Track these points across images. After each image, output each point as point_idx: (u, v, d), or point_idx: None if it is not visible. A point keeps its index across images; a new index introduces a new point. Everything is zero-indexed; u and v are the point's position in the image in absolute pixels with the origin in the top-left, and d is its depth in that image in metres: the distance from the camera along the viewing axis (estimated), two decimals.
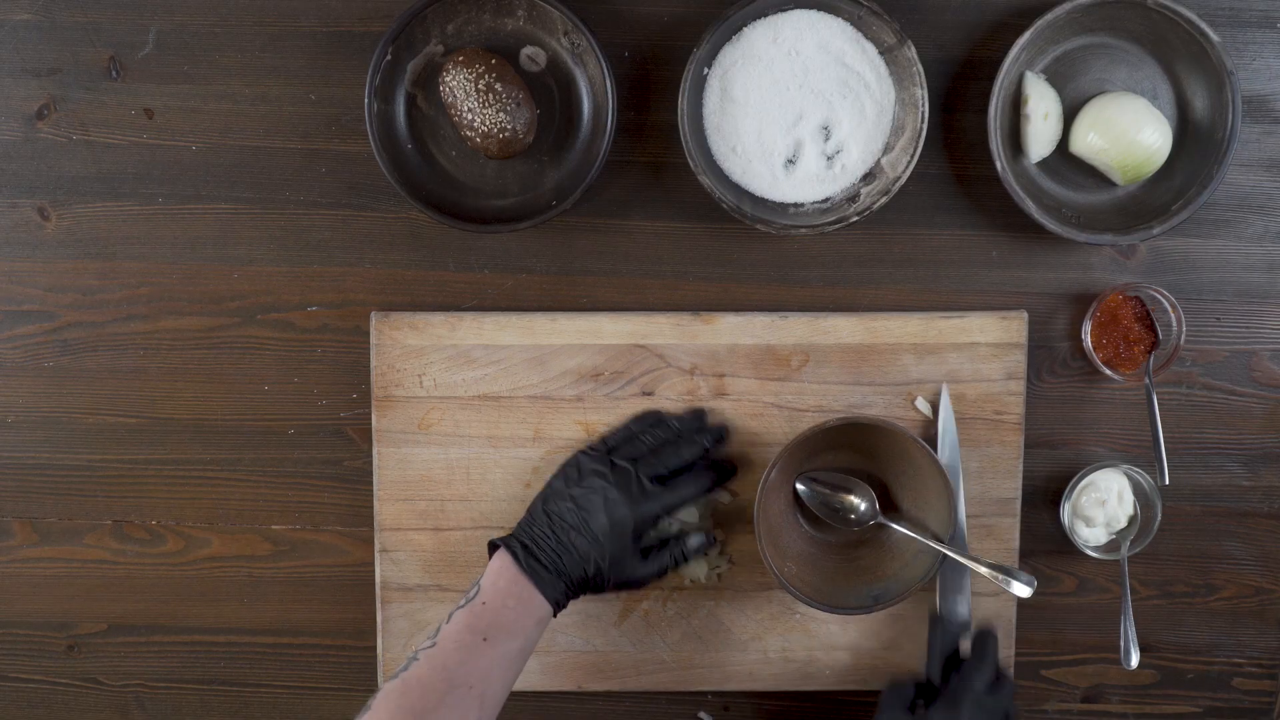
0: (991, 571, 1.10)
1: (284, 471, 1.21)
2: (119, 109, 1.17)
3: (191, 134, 1.18)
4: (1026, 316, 1.18)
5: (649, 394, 1.18)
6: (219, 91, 1.17)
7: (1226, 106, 1.13)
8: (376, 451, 1.19)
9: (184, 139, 1.18)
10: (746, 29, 1.14)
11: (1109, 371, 1.17)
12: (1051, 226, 1.14)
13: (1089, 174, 1.17)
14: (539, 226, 1.16)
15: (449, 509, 1.19)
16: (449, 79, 1.12)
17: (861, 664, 1.21)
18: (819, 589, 1.13)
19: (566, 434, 1.18)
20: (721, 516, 1.18)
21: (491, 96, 1.11)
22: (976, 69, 1.17)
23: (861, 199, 1.15)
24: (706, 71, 1.14)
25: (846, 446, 1.17)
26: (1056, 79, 1.16)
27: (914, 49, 1.12)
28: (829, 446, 1.17)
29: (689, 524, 1.15)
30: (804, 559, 1.16)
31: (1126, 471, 1.18)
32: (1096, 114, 1.14)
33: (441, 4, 1.12)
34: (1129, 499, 1.18)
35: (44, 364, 1.20)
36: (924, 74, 1.12)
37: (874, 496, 1.16)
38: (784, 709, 1.23)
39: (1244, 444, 1.21)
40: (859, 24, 1.13)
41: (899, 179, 1.13)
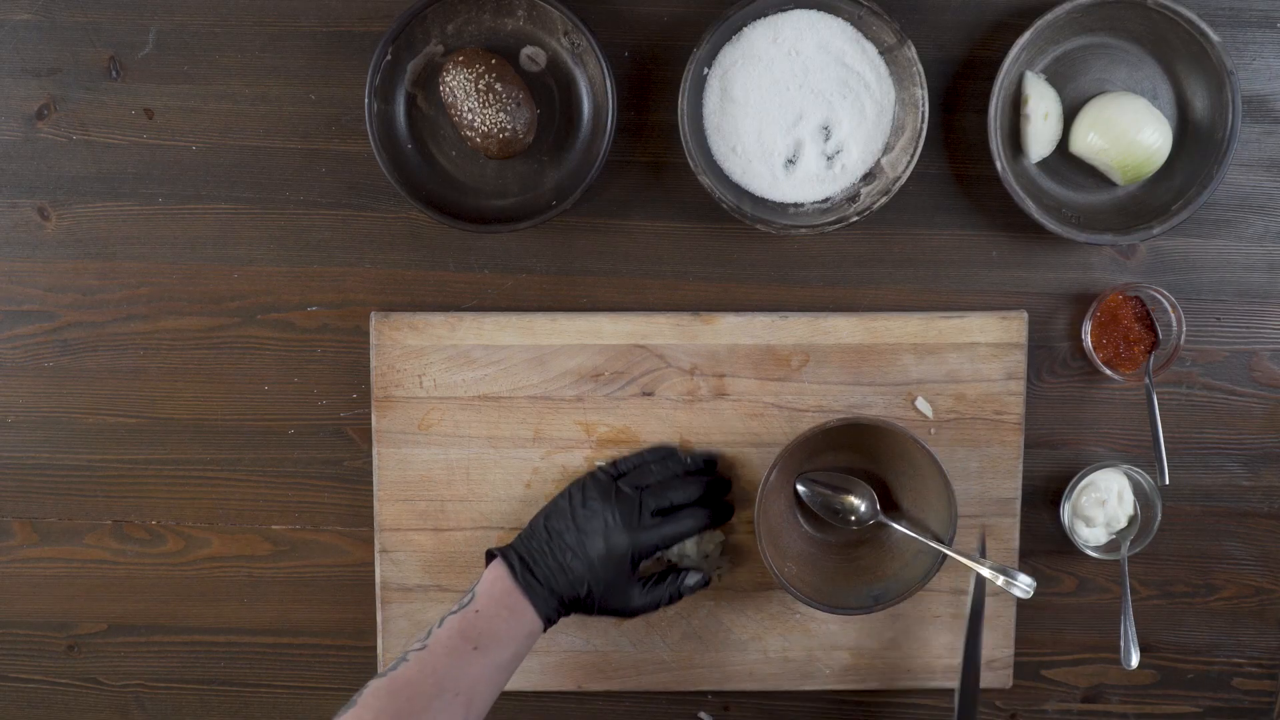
0: (991, 572, 1.10)
1: (284, 471, 1.21)
2: (119, 109, 1.17)
3: (191, 134, 1.18)
4: (1026, 316, 1.18)
5: (649, 394, 1.18)
6: (219, 91, 1.17)
7: (1226, 106, 1.13)
8: (376, 452, 1.19)
9: (184, 139, 1.18)
10: (746, 29, 1.14)
11: (1109, 371, 1.17)
12: (1051, 226, 1.14)
13: (1089, 174, 1.17)
14: (539, 226, 1.16)
15: (449, 509, 1.19)
16: (449, 79, 1.12)
17: (861, 664, 1.21)
18: (819, 589, 1.13)
19: (566, 434, 1.18)
20: (716, 561, 1.18)
21: (491, 96, 1.11)
22: (976, 69, 1.17)
23: (861, 199, 1.15)
24: (706, 71, 1.14)
25: (847, 447, 1.17)
26: (1056, 79, 1.16)
27: (914, 49, 1.12)
28: (829, 447, 1.17)
29: (688, 558, 1.16)
30: (804, 559, 1.16)
31: (1126, 471, 1.18)
32: (1096, 114, 1.14)
33: (441, 4, 1.12)
34: (1129, 499, 1.18)
35: (44, 364, 1.20)
36: (924, 74, 1.12)
37: (874, 496, 1.16)
38: (784, 709, 1.23)
39: (1244, 444, 1.21)
40: (859, 24, 1.13)
41: (899, 179, 1.13)
